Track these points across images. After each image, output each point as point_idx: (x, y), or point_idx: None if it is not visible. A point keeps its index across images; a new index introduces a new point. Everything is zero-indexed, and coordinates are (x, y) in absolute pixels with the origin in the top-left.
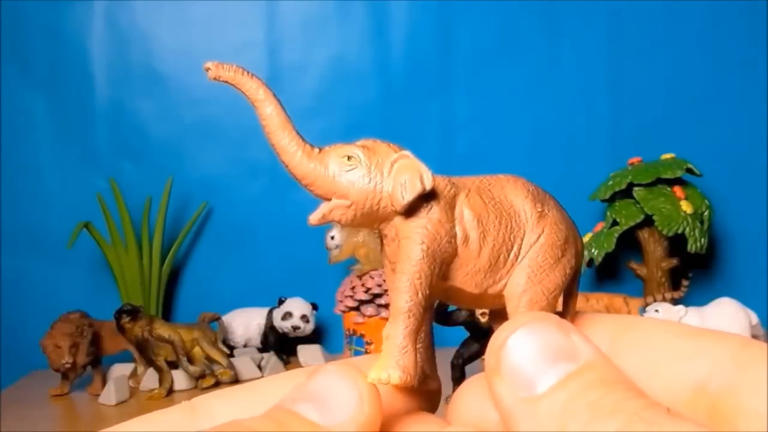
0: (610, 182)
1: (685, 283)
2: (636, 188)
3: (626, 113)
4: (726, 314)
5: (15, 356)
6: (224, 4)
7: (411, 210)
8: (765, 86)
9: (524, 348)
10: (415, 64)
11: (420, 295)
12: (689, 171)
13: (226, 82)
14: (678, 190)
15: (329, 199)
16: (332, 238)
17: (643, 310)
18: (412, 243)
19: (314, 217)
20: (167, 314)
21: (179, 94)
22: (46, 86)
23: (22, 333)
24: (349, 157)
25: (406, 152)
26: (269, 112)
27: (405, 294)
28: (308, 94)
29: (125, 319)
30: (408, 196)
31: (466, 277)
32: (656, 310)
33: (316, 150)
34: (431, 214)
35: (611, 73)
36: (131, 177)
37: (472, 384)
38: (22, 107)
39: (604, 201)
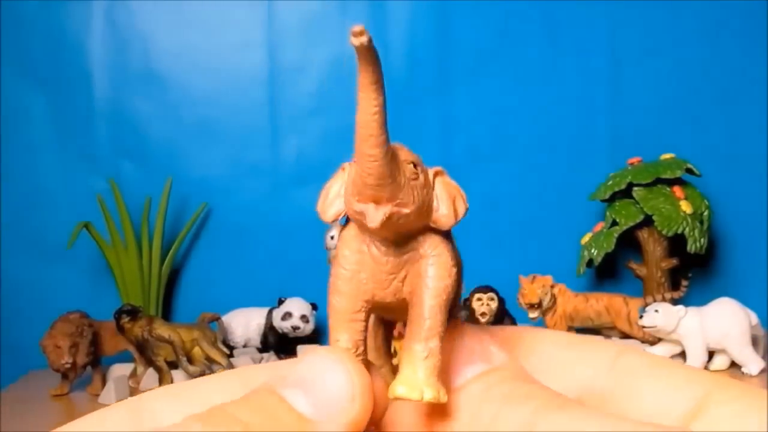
0: (610, 182)
1: (684, 283)
2: (635, 188)
3: (626, 113)
4: (726, 314)
5: (15, 356)
6: (224, 5)
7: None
8: (765, 86)
9: (445, 350)
10: (415, 64)
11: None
12: (689, 171)
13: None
14: (678, 190)
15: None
16: (332, 238)
17: (642, 310)
18: (446, 262)
19: (377, 221)
20: (167, 314)
21: (179, 94)
22: (45, 86)
23: (22, 333)
24: (414, 165)
25: (440, 167)
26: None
27: (443, 314)
28: (308, 94)
29: (125, 319)
30: (461, 215)
31: None
32: (656, 310)
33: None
34: (450, 233)
35: (611, 73)
36: (131, 177)
37: None
38: (22, 107)
39: (603, 201)
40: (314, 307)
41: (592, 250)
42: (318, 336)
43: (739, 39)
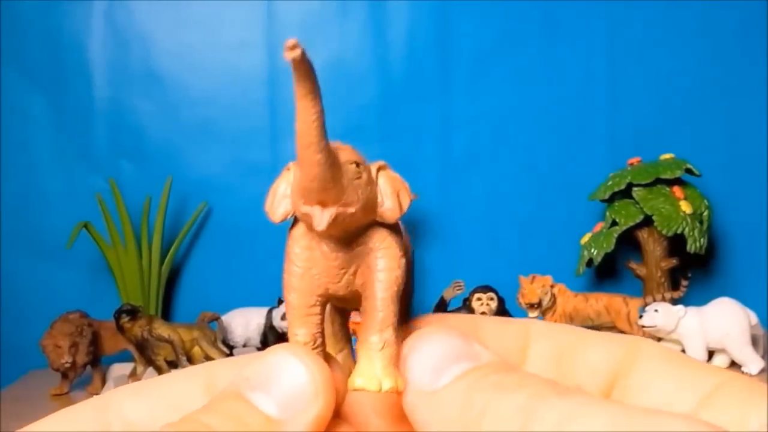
0: (610, 182)
1: (684, 283)
2: (635, 188)
3: (626, 113)
4: (725, 314)
5: (15, 356)
6: (223, 5)
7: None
8: (765, 86)
9: (428, 353)
10: (415, 65)
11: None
12: (688, 171)
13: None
14: (677, 191)
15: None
16: None
17: (642, 310)
18: (395, 254)
19: (324, 223)
20: (167, 314)
21: (178, 94)
22: (45, 86)
23: (22, 333)
24: (357, 164)
25: (383, 162)
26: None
27: (395, 304)
28: None
29: (125, 319)
30: (405, 207)
31: None
32: (656, 310)
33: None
34: (399, 225)
35: (611, 73)
36: (130, 177)
37: None
38: (22, 107)
39: (603, 201)
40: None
41: (592, 250)
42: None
43: (739, 39)
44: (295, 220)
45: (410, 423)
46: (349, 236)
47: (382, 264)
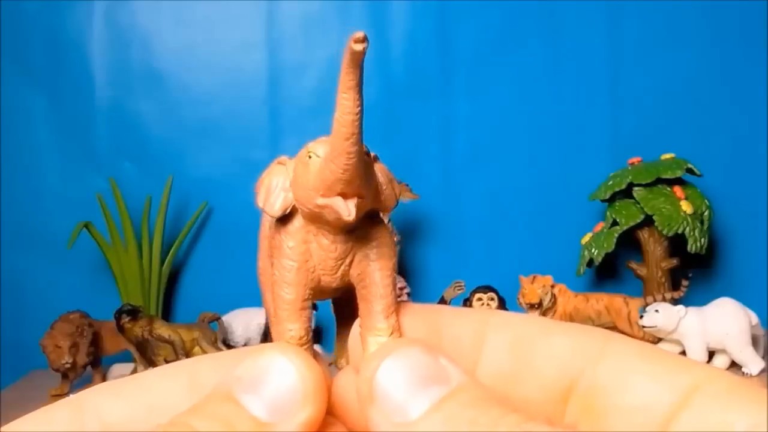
0: (610, 182)
1: (685, 283)
2: (636, 188)
3: (626, 113)
4: (726, 314)
5: (15, 356)
6: (224, 4)
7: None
8: (765, 86)
9: (395, 375)
10: (415, 64)
11: None
12: (689, 171)
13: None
14: (678, 190)
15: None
16: None
17: (642, 310)
18: (390, 242)
19: (353, 214)
20: (167, 314)
21: (179, 94)
22: (46, 86)
23: (22, 333)
24: (367, 153)
25: (373, 153)
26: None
27: (395, 290)
28: (308, 94)
29: (125, 319)
30: (398, 196)
31: None
32: (656, 310)
33: None
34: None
35: (611, 73)
36: (131, 177)
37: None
38: (23, 107)
39: (604, 201)
40: (314, 307)
41: (593, 250)
42: (318, 335)
43: (740, 39)
44: (288, 215)
45: None
46: (347, 227)
47: (381, 252)
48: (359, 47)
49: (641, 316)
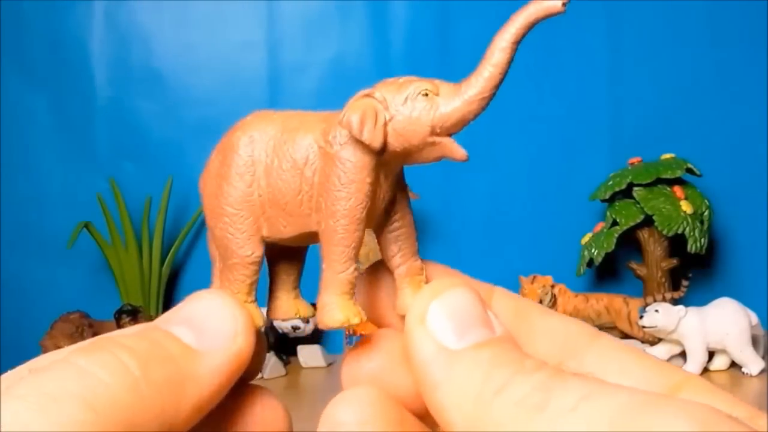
0: (610, 182)
1: (685, 283)
2: (636, 188)
3: (626, 113)
4: (726, 314)
5: (15, 356)
6: (225, 4)
7: None
8: (765, 86)
9: (454, 306)
10: (415, 65)
11: None
12: (689, 171)
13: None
14: (678, 190)
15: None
16: None
17: (642, 310)
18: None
19: (466, 153)
20: None
21: (179, 94)
22: (46, 86)
23: (22, 333)
24: None
25: None
26: None
27: None
28: (308, 94)
29: (125, 320)
30: None
31: None
32: (656, 310)
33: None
34: None
35: (611, 73)
36: (131, 177)
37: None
38: (23, 107)
39: (604, 201)
40: (314, 306)
41: (593, 250)
42: (318, 335)
43: (739, 39)
44: (357, 149)
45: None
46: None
47: (406, 198)
48: (560, 7)
49: (641, 316)
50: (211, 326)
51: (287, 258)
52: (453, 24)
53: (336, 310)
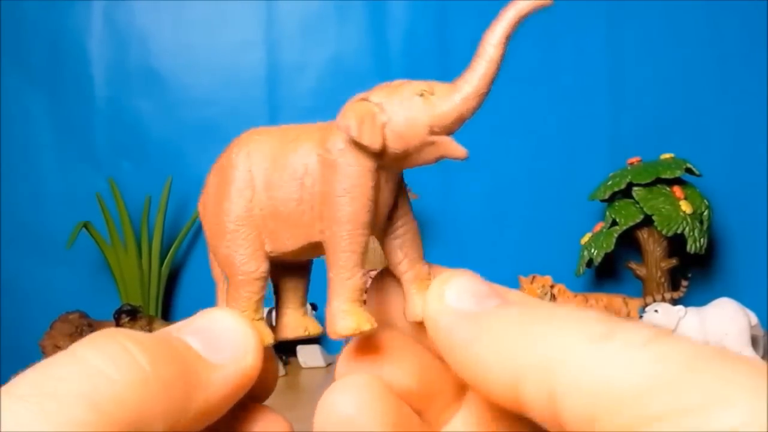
0: (610, 182)
1: (684, 283)
2: (635, 188)
3: (626, 113)
4: (725, 314)
5: (14, 356)
6: (223, 4)
7: None
8: (765, 86)
9: (467, 285)
10: (415, 64)
11: None
12: (689, 171)
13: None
14: (677, 190)
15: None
16: None
17: (642, 311)
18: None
19: (466, 151)
20: (167, 314)
21: (179, 94)
22: (45, 86)
23: (22, 333)
24: None
25: None
26: None
27: None
28: (307, 93)
29: (124, 320)
30: None
31: None
32: (656, 311)
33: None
34: None
35: (611, 73)
36: (130, 177)
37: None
38: (22, 107)
39: (603, 201)
40: (314, 307)
41: (592, 250)
42: (318, 336)
43: (740, 39)
44: (357, 154)
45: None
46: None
47: (407, 203)
48: (549, 0)
49: (641, 317)
50: (222, 341)
51: (292, 275)
52: (451, 24)
53: (347, 317)
